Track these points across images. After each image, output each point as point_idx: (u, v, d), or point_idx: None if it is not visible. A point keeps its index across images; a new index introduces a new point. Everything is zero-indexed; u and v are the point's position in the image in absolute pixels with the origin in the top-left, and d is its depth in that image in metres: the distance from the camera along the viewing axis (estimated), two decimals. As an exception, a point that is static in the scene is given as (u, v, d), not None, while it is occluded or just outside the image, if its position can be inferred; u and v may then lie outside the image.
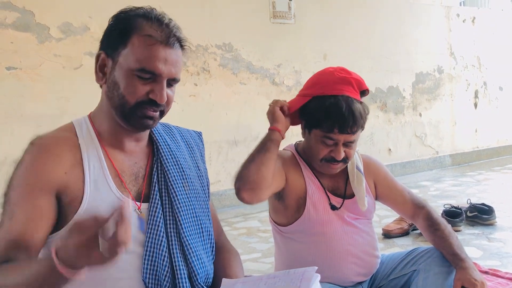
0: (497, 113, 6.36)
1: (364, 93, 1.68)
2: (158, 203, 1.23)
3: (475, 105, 6.16)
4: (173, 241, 1.22)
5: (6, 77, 3.26)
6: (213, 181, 4.10)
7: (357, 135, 1.62)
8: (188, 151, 1.39)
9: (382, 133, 5.28)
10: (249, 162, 1.55)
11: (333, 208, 1.68)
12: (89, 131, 1.23)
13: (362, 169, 1.73)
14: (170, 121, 1.44)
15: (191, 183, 1.32)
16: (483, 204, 3.32)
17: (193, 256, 1.24)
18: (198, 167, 1.39)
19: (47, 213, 1.13)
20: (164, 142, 1.32)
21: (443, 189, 4.56)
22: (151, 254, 1.18)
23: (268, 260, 2.77)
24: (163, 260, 1.19)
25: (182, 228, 1.24)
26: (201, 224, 1.30)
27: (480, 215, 3.26)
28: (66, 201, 1.15)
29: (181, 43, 1.22)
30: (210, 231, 1.34)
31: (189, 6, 4.03)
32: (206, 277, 1.28)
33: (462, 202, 3.61)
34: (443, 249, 1.65)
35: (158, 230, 1.21)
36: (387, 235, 3.07)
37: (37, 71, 3.37)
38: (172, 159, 1.30)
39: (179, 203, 1.26)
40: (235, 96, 4.30)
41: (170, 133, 1.38)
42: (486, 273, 2.34)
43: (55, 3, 3.44)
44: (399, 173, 5.18)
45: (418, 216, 1.76)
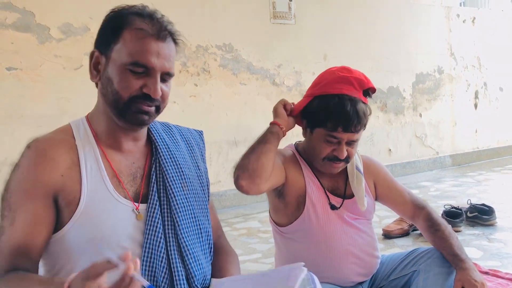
0: (497, 113, 6.36)
1: (369, 91, 1.66)
2: (156, 204, 1.22)
3: (475, 105, 6.17)
4: (171, 242, 1.22)
5: (7, 78, 3.26)
6: (213, 182, 4.10)
7: (360, 134, 1.63)
8: (188, 150, 1.38)
9: (382, 133, 5.28)
10: (249, 152, 1.55)
11: (333, 207, 1.69)
12: (86, 132, 1.22)
13: (362, 169, 1.73)
14: (170, 121, 1.44)
15: (189, 183, 1.31)
16: (483, 205, 3.31)
17: (191, 258, 1.23)
18: (198, 166, 1.38)
19: (46, 218, 1.13)
20: (163, 142, 1.31)
21: (443, 189, 4.56)
22: (149, 256, 1.18)
23: (268, 260, 2.77)
24: (161, 262, 1.19)
25: (180, 229, 1.23)
26: (199, 225, 1.29)
27: (480, 215, 3.26)
28: (64, 203, 1.15)
29: (173, 37, 1.21)
30: (208, 232, 1.33)
31: (189, 7, 4.04)
32: (204, 279, 1.28)
33: (462, 203, 3.61)
34: (443, 250, 1.65)
35: (156, 231, 1.20)
36: (387, 235, 3.07)
37: (37, 71, 3.37)
38: (170, 159, 1.29)
39: (177, 204, 1.25)
40: (235, 96, 4.30)
41: (169, 132, 1.37)
42: (486, 273, 2.34)
43: (55, 3, 3.44)
44: (399, 174, 5.18)
45: (418, 216, 1.76)
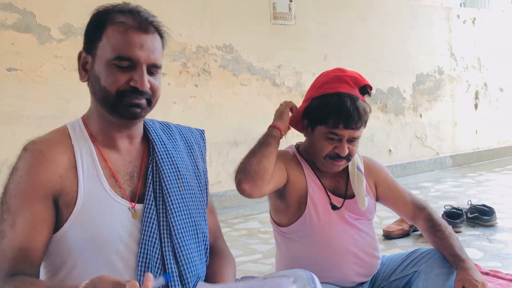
0: (497, 114, 6.36)
1: (365, 88, 1.67)
2: (152, 204, 1.22)
3: (476, 106, 6.16)
4: (165, 243, 1.22)
5: (7, 78, 3.26)
6: (213, 182, 4.09)
7: (360, 131, 1.65)
8: (187, 149, 1.37)
9: (382, 134, 5.28)
10: (250, 156, 1.57)
11: (334, 207, 1.69)
12: (82, 132, 1.23)
13: (363, 169, 1.74)
14: (170, 122, 1.44)
15: (186, 183, 1.30)
16: (483, 205, 3.31)
17: (184, 260, 1.23)
18: (196, 166, 1.37)
19: (47, 219, 1.14)
20: (160, 141, 1.31)
21: (443, 190, 4.56)
22: (145, 256, 1.18)
23: (268, 261, 2.77)
24: (156, 262, 1.19)
25: (175, 230, 1.23)
26: (195, 225, 1.29)
27: (481, 216, 3.26)
28: (62, 204, 1.15)
29: (157, 30, 1.21)
30: (205, 232, 1.32)
31: (189, 8, 4.04)
32: (197, 279, 1.27)
33: (462, 203, 3.61)
34: (443, 250, 1.65)
35: (151, 231, 1.20)
36: (388, 236, 3.07)
37: (37, 72, 3.37)
38: (167, 158, 1.29)
39: (172, 204, 1.25)
40: (235, 97, 4.30)
41: (168, 131, 1.36)
42: (487, 274, 2.34)
43: (55, 4, 3.45)
44: (399, 174, 5.18)
45: (418, 217, 1.76)
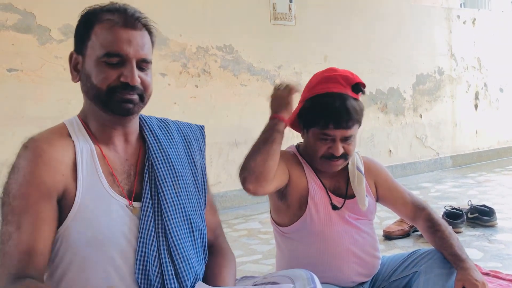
0: (497, 114, 6.36)
1: (357, 86, 1.66)
2: (149, 203, 1.23)
3: (476, 106, 6.17)
4: (161, 241, 1.22)
5: (7, 79, 3.26)
6: (213, 183, 4.09)
7: (353, 130, 1.63)
8: (184, 146, 1.37)
9: (382, 134, 5.27)
10: (255, 152, 1.55)
11: (334, 207, 1.69)
12: (81, 129, 1.23)
13: (363, 170, 1.74)
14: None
15: (182, 181, 1.30)
16: (484, 206, 3.31)
17: (179, 258, 1.23)
18: (194, 162, 1.36)
19: (51, 219, 1.14)
20: (155, 139, 1.30)
21: (443, 190, 4.56)
22: (143, 254, 1.18)
23: (269, 261, 2.77)
24: (154, 261, 1.19)
25: (170, 228, 1.23)
26: (191, 223, 1.29)
27: (481, 216, 3.26)
28: (64, 201, 1.16)
29: (145, 26, 1.22)
30: (202, 230, 1.32)
31: (189, 8, 4.04)
32: (195, 278, 1.27)
33: (463, 204, 3.61)
34: (443, 250, 1.65)
35: (149, 230, 1.21)
36: (388, 236, 3.07)
37: (38, 72, 3.37)
38: (162, 157, 1.29)
39: (167, 203, 1.25)
40: (235, 97, 4.30)
41: (165, 128, 1.36)
42: (487, 274, 2.34)
43: (56, 5, 3.45)
44: (399, 175, 5.18)
45: (418, 217, 1.76)
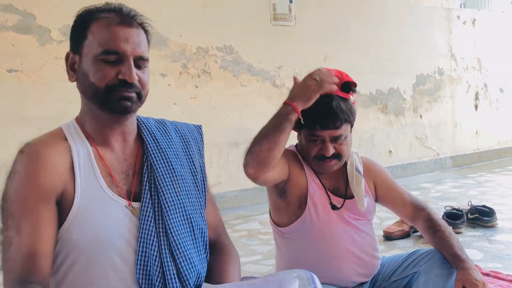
0: (497, 114, 6.36)
1: (346, 86, 1.65)
2: (149, 203, 1.23)
3: (476, 106, 6.17)
4: (162, 241, 1.22)
5: (7, 80, 3.27)
6: (213, 183, 4.09)
7: (343, 130, 1.62)
8: (183, 146, 1.37)
9: (382, 135, 5.27)
10: (262, 138, 1.53)
11: (334, 207, 1.69)
12: (78, 132, 1.23)
13: (362, 170, 1.74)
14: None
15: (181, 181, 1.30)
16: (484, 206, 3.31)
17: (181, 257, 1.23)
18: (192, 162, 1.36)
19: (51, 221, 1.13)
20: (154, 139, 1.31)
21: (444, 191, 4.56)
22: (144, 254, 1.19)
23: (269, 262, 2.77)
24: (155, 261, 1.20)
25: (170, 228, 1.23)
26: (191, 222, 1.29)
27: (481, 217, 3.26)
28: (64, 203, 1.15)
29: (140, 24, 1.23)
30: (202, 229, 1.32)
31: (190, 9, 4.04)
32: (198, 277, 1.27)
33: (463, 204, 3.60)
34: (443, 250, 1.65)
35: (149, 230, 1.21)
36: (388, 237, 3.07)
37: (38, 73, 3.37)
38: (161, 157, 1.29)
39: (167, 202, 1.25)
40: (235, 98, 4.30)
41: (163, 128, 1.36)
42: (487, 275, 2.34)
43: (56, 5, 3.45)
44: (399, 175, 5.18)
45: (418, 218, 1.76)
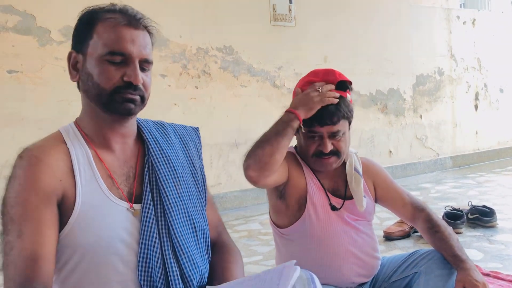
0: (497, 115, 6.36)
1: (341, 84, 1.65)
2: (150, 204, 1.23)
3: (476, 107, 6.17)
4: (164, 242, 1.22)
5: (7, 81, 3.27)
6: (213, 184, 4.10)
7: (340, 125, 1.63)
8: (182, 147, 1.37)
9: (382, 135, 5.28)
10: (264, 143, 1.55)
11: (333, 208, 1.69)
12: (76, 135, 1.23)
13: (361, 171, 1.74)
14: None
15: (183, 182, 1.31)
16: (484, 206, 3.31)
17: (185, 258, 1.23)
18: (193, 163, 1.37)
19: (53, 224, 1.13)
20: (155, 141, 1.31)
21: (444, 191, 4.56)
22: (145, 256, 1.18)
23: (269, 262, 2.77)
24: (157, 262, 1.19)
25: (174, 229, 1.23)
26: (194, 223, 1.29)
27: (481, 217, 3.26)
28: (64, 207, 1.15)
29: (146, 27, 1.23)
30: (204, 230, 1.32)
31: (190, 9, 4.05)
32: (200, 278, 1.27)
33: (463, 204, 3.61)
34: (443, 251, 1.65)
35: (151, 231, 1.20)
36: (388, 237, 3.07)
37: (38, 74, 3.38)
38: (163, 158, 1.29)
39: (169, 203, 1.25)
40: (235, 98, 4.30)
41: (162, 130, 1.36)
42: (487, 275, 2.34)
43: (56, 6, 3.45)
44: (400, 175, 5.18)
45: (418, 218, 1.76)
